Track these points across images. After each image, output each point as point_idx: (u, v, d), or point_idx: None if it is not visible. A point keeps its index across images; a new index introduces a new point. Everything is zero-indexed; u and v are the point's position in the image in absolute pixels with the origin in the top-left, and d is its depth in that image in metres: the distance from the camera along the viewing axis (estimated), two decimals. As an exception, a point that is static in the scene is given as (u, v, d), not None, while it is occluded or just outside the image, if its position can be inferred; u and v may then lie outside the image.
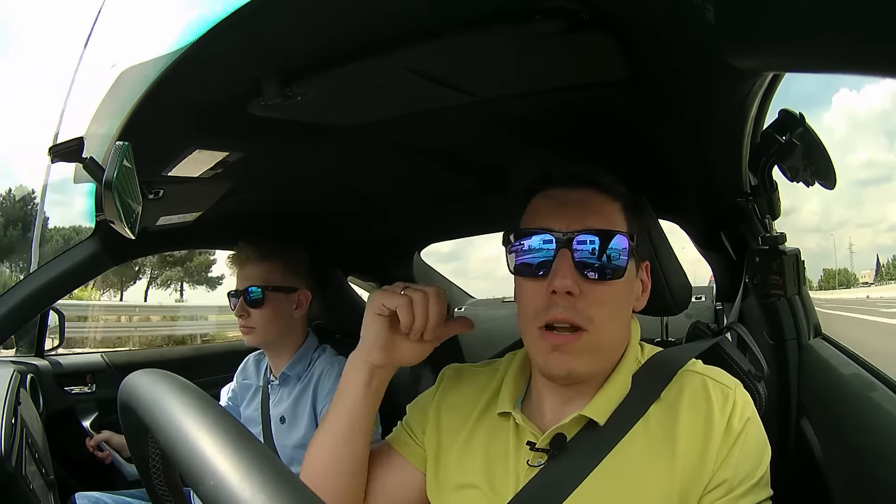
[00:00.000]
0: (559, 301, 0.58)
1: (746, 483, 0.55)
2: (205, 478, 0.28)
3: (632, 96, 0.68)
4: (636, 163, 0.92)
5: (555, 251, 0.59)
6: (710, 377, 0.61)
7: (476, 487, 0.63)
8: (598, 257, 0.59)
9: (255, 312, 1.18)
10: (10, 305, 1.11)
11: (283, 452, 1.19)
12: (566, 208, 0.61)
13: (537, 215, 0.63)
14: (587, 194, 0.62)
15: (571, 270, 0.58)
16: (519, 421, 0.62)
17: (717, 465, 0.55)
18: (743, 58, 0.50)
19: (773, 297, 0.89)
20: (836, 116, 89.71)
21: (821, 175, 0.67)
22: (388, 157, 0.98)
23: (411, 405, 0.75)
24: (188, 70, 0.57)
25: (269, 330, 1.19)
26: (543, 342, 0.59)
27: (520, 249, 0.61)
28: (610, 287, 0.59)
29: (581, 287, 0.58)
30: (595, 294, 0.59)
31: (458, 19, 0.53)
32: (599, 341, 0.59)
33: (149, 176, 0.85)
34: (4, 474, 0.87)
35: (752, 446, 0.56)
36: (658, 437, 0.58)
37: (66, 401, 1.51)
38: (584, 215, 0.60)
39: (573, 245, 0.58)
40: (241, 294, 1.18)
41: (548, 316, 0.58)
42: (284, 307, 1.20)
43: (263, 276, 1.18)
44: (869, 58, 0.36)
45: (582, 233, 0.59)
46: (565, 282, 0.57)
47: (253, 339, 1.20)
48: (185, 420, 0.33)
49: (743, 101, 0.61)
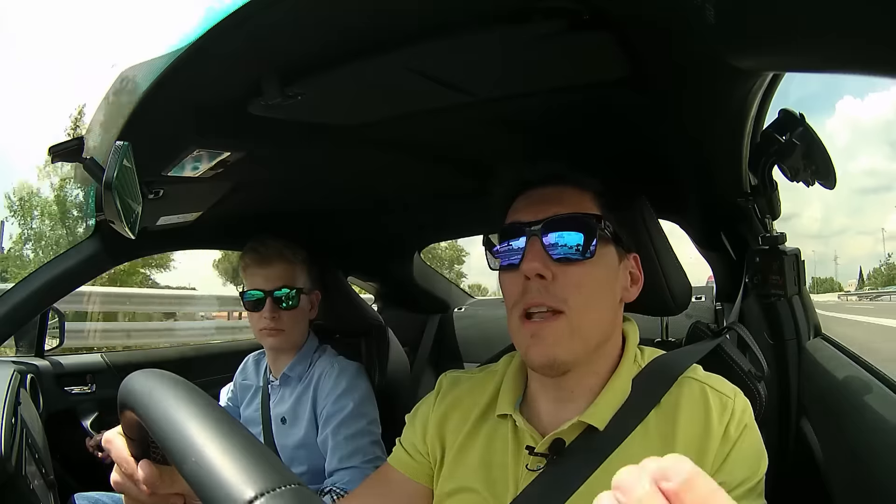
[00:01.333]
0: (532, 286, 0.60)
1: (742, 487, 0.54)
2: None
3: (632, 96, 0.68)
4: (636, 162, 0.92)
5: (525, 240, 0.61)
6: (710, 385, 0.60)
7: (474, 491, 0.62)
8: (567, 240, 0.60)
9: (287, 315, 1.15)
10: (10, 305, 1.11)
11: (283, 452, 1.19)
12: (538, 203, 0.63)
13: (513, 214, 0.65)
14: (559, 189, 0.64)
15: (541, 254, 0.60)
16: (519, 424, 0.62)
17: (713, 471, 0.55)
18: (743, 58, 0.50)
19: (773, 297, 0.89)
20: (840, 124, 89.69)
21: (821, 175, 0.67)
22: (388, 156, 0.98)
23: (409, 416, 0.74)
24: (188, 70, 0.57)
25: (296, 332, 1.18)
26: (524, 331, 0.60)
27: (498, 245, 0.64)
28: (584, 268, 0.60)
29: (553, 270, 0.60)
30: (568, 276, 0.60)
31: (458, 19, 0.53)
32: (578, 325, 0.59)
33: (149, 176, 0.85)
34: (4, 474, 0.86)
35: (749, 452, 0.56)
36: (656, 442, 0.58)
37: (66, 401, 1.50)
38: (552, 206, 0.62)
39: (542, 232, 0.60)
40: (268, 294, 1.14)
41: (524, 302, 0.60)
42: (307, 309, 1.20)
43: (292, 276, 1.16)
44: (869, 57, 0.36)
45: (549, 219, 0.61)
46: (533, 265, 0.59)
47: (280, 342, 1.17)
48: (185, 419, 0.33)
49: (743, 101, 0.62)
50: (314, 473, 1.15)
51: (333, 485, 1.07)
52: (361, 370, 1.22)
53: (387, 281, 1.95)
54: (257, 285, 1.15)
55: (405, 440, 0.72)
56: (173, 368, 0.41)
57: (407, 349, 1.67)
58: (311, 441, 1.16)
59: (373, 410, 1.18)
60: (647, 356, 0.66)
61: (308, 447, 1.16)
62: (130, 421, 0.42)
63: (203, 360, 1.84)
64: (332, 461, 1.10)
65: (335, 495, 1.04)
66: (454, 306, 2.11)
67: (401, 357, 1.47)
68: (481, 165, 1.06)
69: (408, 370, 1.56)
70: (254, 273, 1.16)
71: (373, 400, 1.20)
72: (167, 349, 2.06)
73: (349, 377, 1.17)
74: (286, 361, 1.22)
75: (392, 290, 1.98)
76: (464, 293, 2.20)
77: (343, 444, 1.10)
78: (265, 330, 1.15)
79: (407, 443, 0.72)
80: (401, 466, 0.70)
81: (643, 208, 0.75)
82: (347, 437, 1.11)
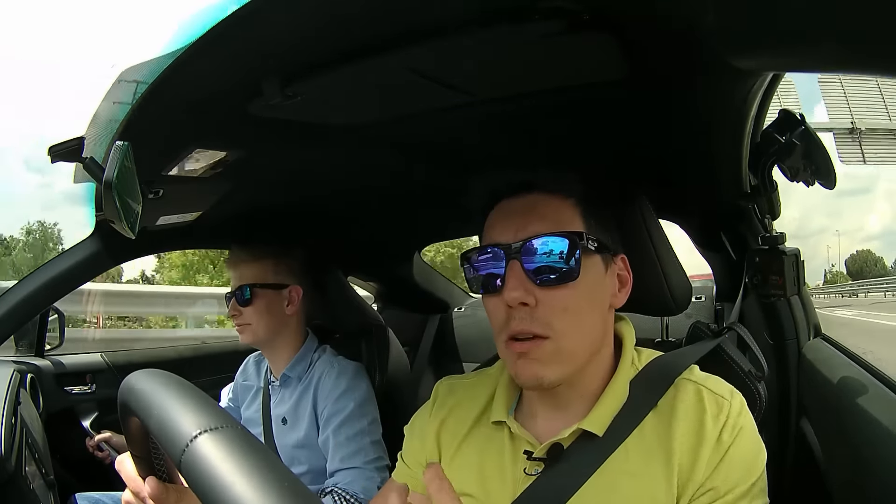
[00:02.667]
0: (516, 314, 0.57)
1: (735, 491, 0.54)
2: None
3: (632, 96, 0.68)
4: (636, 163, 0.92)
5: (504, 264, 0.58)
6: (706, 387, 0.59)
7: (471, 496, 0.62)
8: (548, 262, 0.57)
9: (246, 310, 1.18)
10: (10, 305, 1.11)
11: (283, 453, 1.19)
12: (512, 218, 0.61)
13: (489, 231, 0.63)
14: (533, 199, 0.61)
15: (522, 280, 0.57)
16: (515, 430, 0.62)
17: (706, 475, 0.54)
18: (743, 58, 0.50)
19: (772, 297, 0.89)
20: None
21: (821, 175, 0.67)
22: (388, 157, 0.97)
23: (408, 428, 0.74)
24: (188, 70, 0.57)
25: (261, 326, 1.19)
26: (510, 352, 0.59)
27: (476, 268, 0.62)
28: (568, 290, 0.58)
29: (536, 295, 0.57)
30: (553, 301, 0.57)
31: (458, 19, 0.53)
32: (565, 348, 0.58)
33: (149, 176, 0.85)
34: (4, 474, 0.87)
35: (743, 456, 0.55)
36: (653, 444, 0.57)
37: (66, 401, 1.51)
38: (529, 222, 0.59)
39: (521, 255, 0.58)
40: (234, 294, 1.20)
41: (509, 329, 0.58)
42: (275, 304, 1.20)
43: (253, 275, 1.19)
44: (868, 58, 0.36)
45: (528, 240, 0.58)
46: (515, 294, 0.57)
47: (247, 337, 1.20)
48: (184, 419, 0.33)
49: (743, 101, 0.62)
50: (315, 474, 1.16)
51: (335, 485, 1.07)
52: (361, 370, 1.22)
53: (387, 281, 1.95)
54: (231, 286, 1.22)
55: (406, 455, 0.72)
56: (173, 368, 0.41)
57: (407, 349, 1.67)
58: (311, 441, 1.16)
59: (373, 410, 1.18)
60: (644, 358, 0.65)
61: (309, 447, 1.16)
62: (134, 434, 0.43)
63: (203, 360, 1.84)
64: (333, 461, 1.10)
65: (337, 496, 1.04)
66: (454, 306, 2.11)
67: (401, 357, 1.47)
68: (481, 166, 1.06)
69: (408, 370, 1.56)
70: (229, 274, 1.23)
71: (373, 400, 1.20)
72: (167, 349, 2.06)
73: (349, 377, 1.17)
74: (285, 361, 1.22)
75: (392, 290, 1.98)
76: (464, 293, 2.20)
77: (344, 444, 1.10)
78: (236, 328, 1.21)
79: (409, 457, 0.71)
80: (404, 480, 0.70)
81: (643, 207, 0.75)
82: (349, 438, 1.11)
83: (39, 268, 1.15)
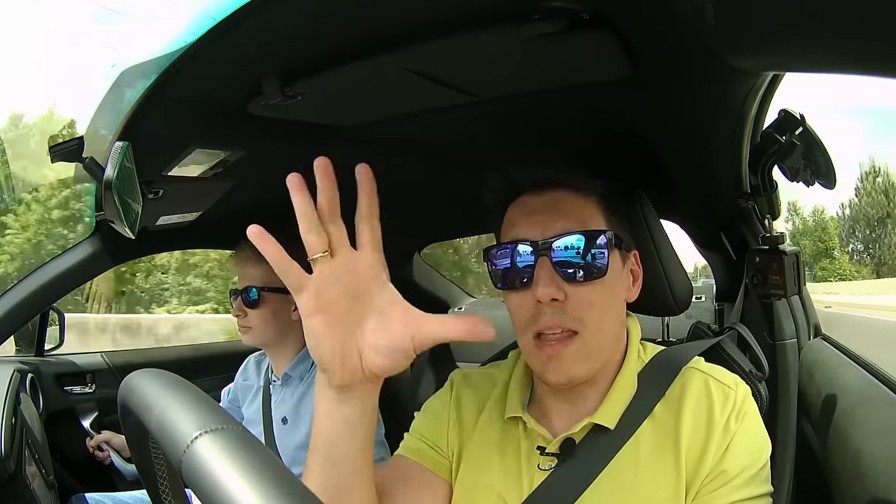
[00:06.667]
0: (546, 309, 0.58)
1: (744, 475, 0.55)
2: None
3: (632, 96, 0.68)
4: (636, 163, 0.92)
5: (534, 260, 0.59)
6: (712, 376, 0.61)
7: (489, 488, 0.63)
8: (578, 259, 0.59)
9: (252, 313, 1.18)
10: (10, 305, 1.11)
11: (284, 453, 1.19)
12: (539, 214, 0.61)
13: (513, 226, 0.63)
14: (558, 196, 0.62)
15: (553, 277, 0.58)
16: (531, 425, 0.63)
17: (715, 460, 0.56)
18: (743, 58, 0.50)
19: (773, 297, 0.89)
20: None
21: (821, 175, 0.67)
22: (388, 156, 0.97)
23: (423, 409, 0.72)
24: (188, 70, 0.57)
25: (266, 330, 1.19)
26: (540, 354, 0.60)
27: (501, 264, 0.62)
28: (596, 286, 0.60)
29: (566, 291, 0.58)
30: (581, 296, 0.59)
31: (457, 19, 0.53)
32: (593, 342, 0.59)
33: (149, 176, 0.85)
34: (4, 474, 0.87)
35: (750, 440, 0.57)
36: (663, 434, 0.59)
37: (66, 401, 1.50)
38: (556, 219, 0.60)
39: (551, 252, 0.59)
40: (240, 294, 1.19)
41: (537, 325, 0.59)
42: (282, 309, 1.19)
43: (262, 276, 1.18)
44: (869, 57, 0.36)
45: (558, 237, 0.59)
46: (548, 290, 0.58)
47: (250, 339, 1.20)
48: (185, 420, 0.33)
49: (743, 101, 0.61)
50: (314, 473, 1.15)
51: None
52: (362, 370, 1.22)
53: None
54: (238, 284, 1.20)
55: (424, 430, 0.68)
56: (173, 368, 0.41)
57: (407, 349, 1.66)
58: (312, 442, 1.15)
59: None
60: (649, 351, 0.67)
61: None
62: (134, 439, 0.43)
63: (203, 360, 1.84)
64: (333, 462, 1.10)
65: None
66: (454, 306, 2.10)
67: (401, 357, 1.46)
68: (481, 165, 1.06)
69: (408, 370, 1.56)
70: (236, 272, 1.21)
71: None
72: (167, 349, 2.06)
73: (349, 377, 1.16)
74: (287, 360, 1.21)
75: (392, 291, 1.97)
76: (464, 293, 2.20)
77: (345, 444, 1.10)
78: (238, 327, 1.20)
79: (427, 433, 0.68)
80: (419, 457, 0.66)
81: (643, 205, 0.75)
82: None
83: (39, 268, 1.15)
